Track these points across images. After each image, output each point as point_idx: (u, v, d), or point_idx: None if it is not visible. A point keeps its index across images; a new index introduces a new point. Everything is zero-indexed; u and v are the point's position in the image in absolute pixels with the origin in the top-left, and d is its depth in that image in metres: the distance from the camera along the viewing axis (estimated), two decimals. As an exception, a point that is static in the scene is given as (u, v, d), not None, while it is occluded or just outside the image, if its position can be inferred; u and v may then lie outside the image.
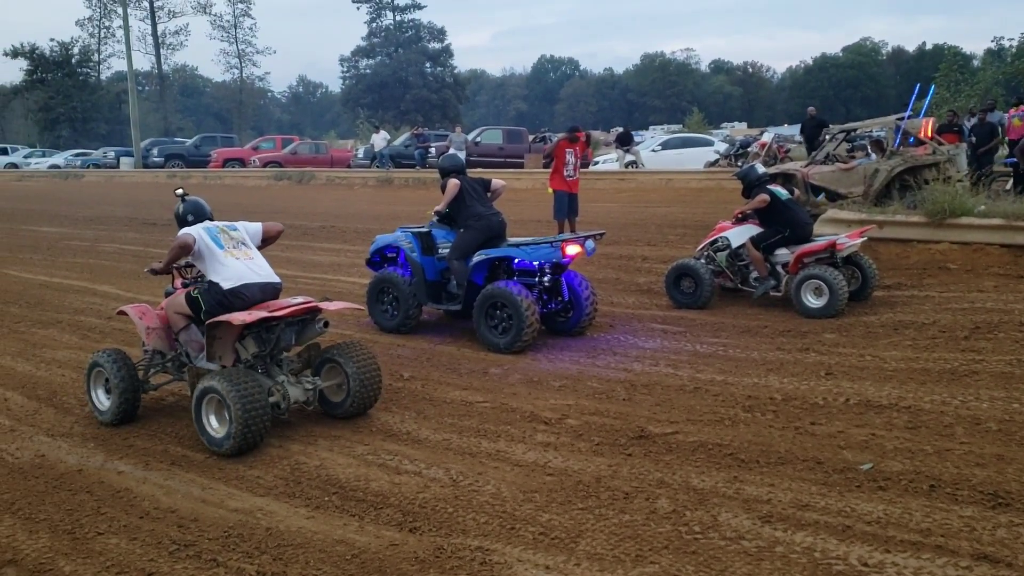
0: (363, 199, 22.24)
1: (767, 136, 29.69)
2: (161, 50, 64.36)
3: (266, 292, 4.83)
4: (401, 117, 61.60)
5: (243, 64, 69.85)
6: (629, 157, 25.76)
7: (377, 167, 30.09)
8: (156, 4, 62.06)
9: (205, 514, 3.82)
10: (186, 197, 5.30)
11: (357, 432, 4.83)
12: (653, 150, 27.48)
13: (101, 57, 65.95)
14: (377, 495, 3.97)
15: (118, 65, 67.21)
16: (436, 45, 72.51)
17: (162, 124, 61.20)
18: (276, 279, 4.94)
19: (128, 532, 3.66)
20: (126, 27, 43.38)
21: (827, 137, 13.67)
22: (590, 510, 3.74)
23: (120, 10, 52.69)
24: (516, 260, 6.70)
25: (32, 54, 60.72)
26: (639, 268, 10.14)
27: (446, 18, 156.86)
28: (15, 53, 60.71)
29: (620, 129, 30.98)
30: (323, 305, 4.86)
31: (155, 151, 39.58)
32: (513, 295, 6.38)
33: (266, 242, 5.23)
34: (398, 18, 71.92)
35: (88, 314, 8.19)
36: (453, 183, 6.96)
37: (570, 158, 11.56)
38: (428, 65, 71.70)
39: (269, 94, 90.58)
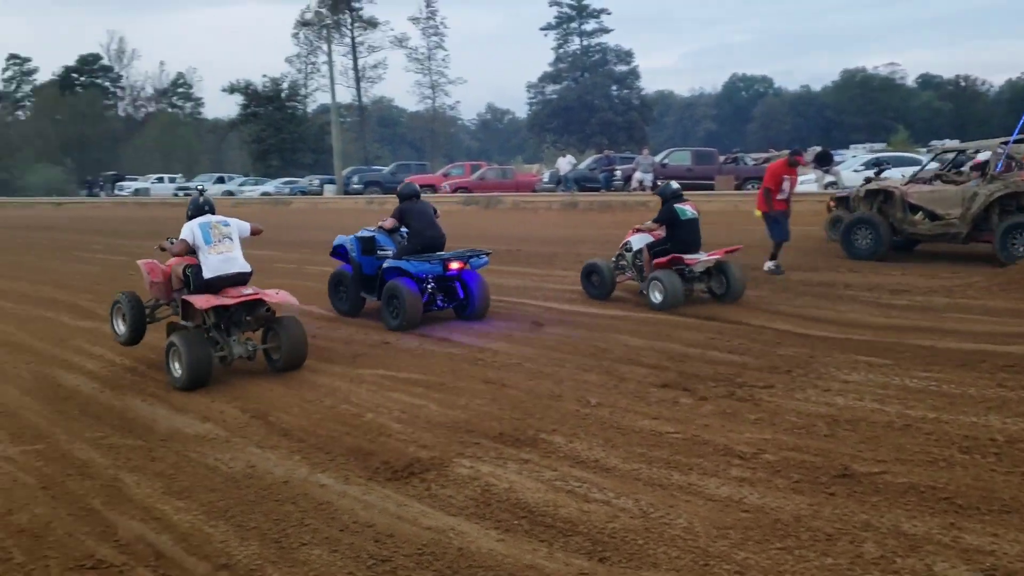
0: (548, 223, 22.56)
1: (983, 154, 27.38)
2: (361, 83, 68.49)
3: (235, 280, 6.93)
4: (586, 140, 62.20)
5: (436, 94, 73.01)
6: (829, 178, 24.57)
7: (562, 191, 30.48)
8: (357, 40, 66.16)
9: (400, 530, 3.97)
10: (203, 194, 7.42)
11: (546, 457, 4.87)
12: (855, 170, 26.08)
13: (307, 91, 71.18)
14: (566, 522, 3.97)
15: (322, 98, 72.19)
16: (623, 68, 72.68)
17: (362, 153, 65.05)
18: (246, 269, 7.03)
19: (329, 544, 3.87)
20: (330, 63, 46.72)
21: (934, 156, 13.63)
22: (789, 551, 3.56)
23: (325, 47, 56.83)
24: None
25: (247, 90, 66.45)
26: (840, 296, 9.64)
27: (633, 41, 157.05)
28: (232, 89, 66.70)
29: (818, 149, 29.66)
30: (265, 296, 6.87)
31: (355, 178, 42.19)
32: (402, 289, 8.62)
33: (253, 235, 7.36)
34: (585, 43, 72.77)
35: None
36: (400, 208, 9.27)
37: (786, 185, 11.14)
38: (614, 88, 71.91)
39: (459, 122, 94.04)
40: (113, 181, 57.73)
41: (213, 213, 7.16)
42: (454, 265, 8.92)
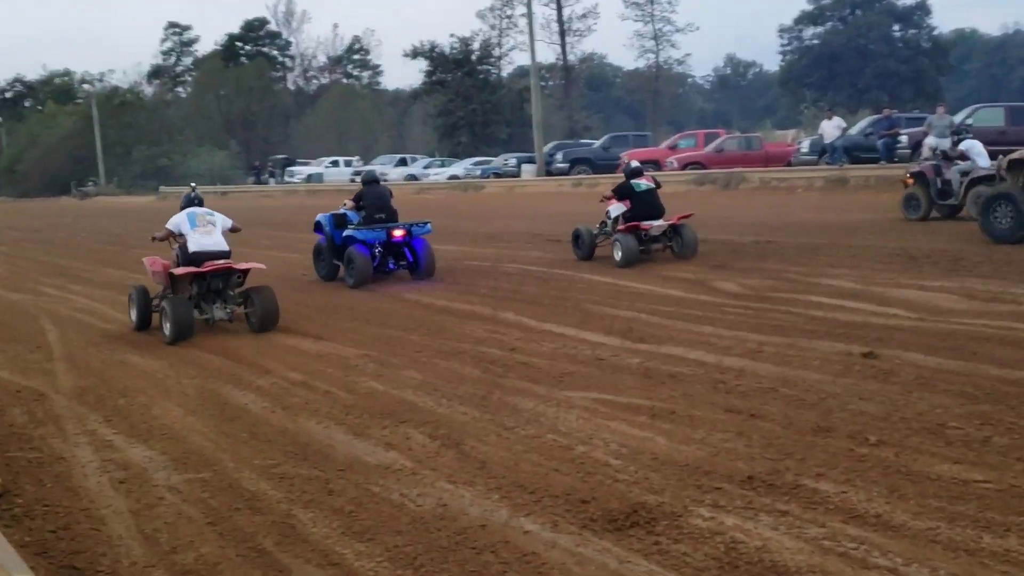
0: (807, 205, 21.89)
1: None
2: (567, 38, 69.46)
3: (213, 255, 10.45)
4: (859, 98, 59.76)
5: (659, 46, 72.66)
6: None
7: (827, 163, 29.40)
8: (563, -15, 67.07)
9: (623, 594, 3.98)
10: (194, 190, 11.46)
11: (810, 509, 4.72)
12: None
13: (502, 52, 73.01)
14: (839, 595, 3.83)
15: (520, 59, 73.90)
16: (907, 1, 69.13)
17: (567, 124, 65.93)
18: (224, 247, 10.62)
19: (536, 604, 3.95)
20: (530, 15, 47.66)
21: None
22: None
23: (524, -5, 57.96)
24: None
25: (432, 53, 69.06)
26: None
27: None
28: (415, 54, 69.52)
29: None
30: (235, 265, 10.47)
31: (559, 156, 42.83)
32: (355, 254, 13.25)
33: (232, 231, 11.07)
34: (856, -29, 69.96)
35: (491, 344, 9.02)
36: (359, 192, 14.28)
37: None
38: (896, 28, 68.57)
39: (689, 80, 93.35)
40: (283, 166, 61.95)
41: (201, 206, 11.00)
42: (396, 233, 13.48)
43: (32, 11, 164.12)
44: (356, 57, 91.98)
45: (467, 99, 66.39)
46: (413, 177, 51.56)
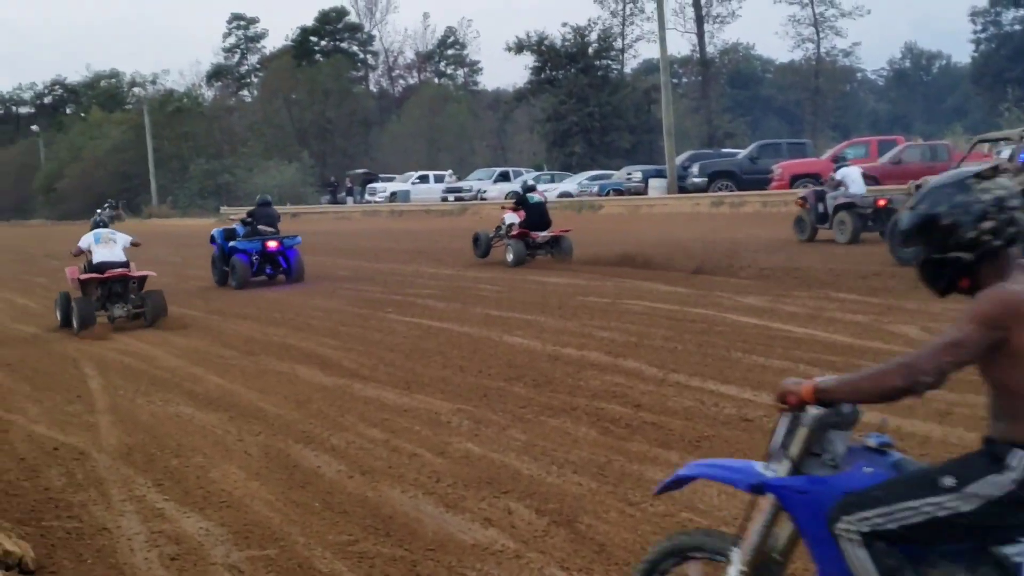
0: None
1: None
2: (705, 25, 69.07)
3: (114, 266, 15.92)
4: (1073, 97, 57.97)
5: (821, 34, 71.65)
6: None
7: (1032, 179, 28.66)
8: (700, -37, 66.81)
9: None
10: (105, 213, 19.28)
11: None
12: None
13: (625, 43, 72.89)
14: None
15: (647, 52, 73.89)
16: None
17: (705, 129, 65.48)
18: (122, 259, 16.14)
19: None
20: (660, -2, 47.41)
21: None
22: None
23: (653, -25, 58.02)
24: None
25: (540, 47, 69.44)
26: None
27: None
28: (520, 47, 70.14)
29: None
30: (131, 272, 16.12)
31: (695, 168, 42.33)
32: (236, 261, 20.46)
33: (133, 246, 16.84)
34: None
35: (609, 399, 8.97)
36: (250, 211, 21.90)
37: None
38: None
39: (859, 75, 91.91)
40: (363, 182, 62.87)
41: (106, 227, 16.65)
42: (271, 244, 20.49)
43: (74, 1, 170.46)
44: (450, 53, 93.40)
45: (582, 101, 66.34)
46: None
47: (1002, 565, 3.12)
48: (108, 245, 16.04)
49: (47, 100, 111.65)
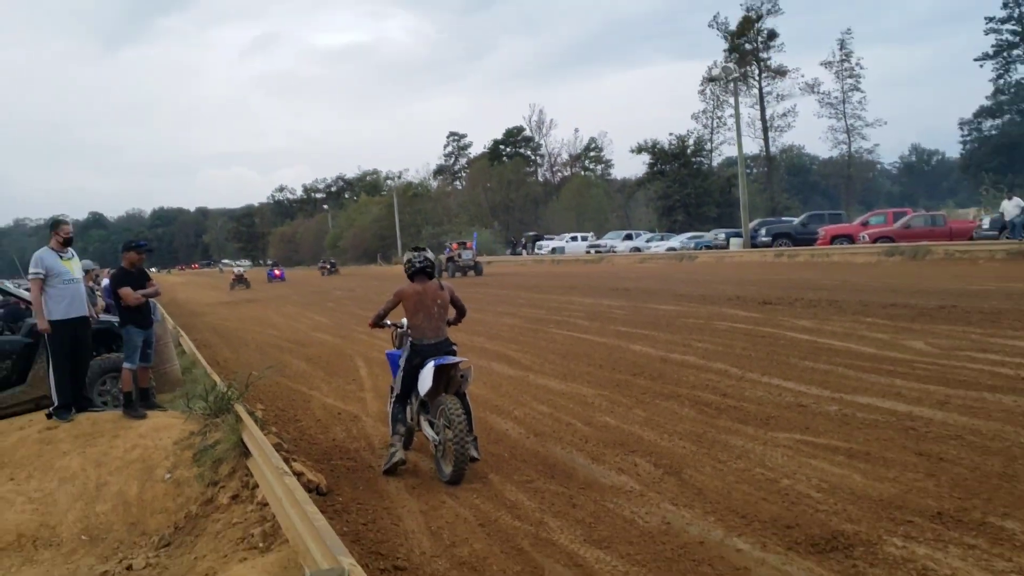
0: (989, 275, 20.14)
1: None
2: (769, 133, 67.95)
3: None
4: (1037, 179, 54.67)
5: (851, 138, 69.74)
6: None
7: (1008, 238, 27.10)
8: (765, 90, 65.95)
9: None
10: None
11: (997, 544, 4.32)
12: None
13: (713, 145, 72.28)
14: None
15: (728, 151, 72.77)
16: (1085, 93, 63.13)
17: (769, 204, 64.10)
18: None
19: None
20: (737, 115, 46.88)
21: None
22: None
23: (732, 100, 57.27)
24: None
25: (653, 149, 69.39)
26: None
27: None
28: (639, 150, 70.24)
29: None
30: None
31: (763, 231, 41.55)
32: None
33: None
34: (1033, 68, 64.55)
35: (704, 390, 8.81)
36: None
37: None
38: (1073, 118, 62.67)
39: (878, 166, 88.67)
40: (534, 240, 63.49)
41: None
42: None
43: (352, 124, 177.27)
44: (592, 154, 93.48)
45: (683, 185, 66.10)
46: (637, 249, 51.49)
47: None
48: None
49: (333, 189, 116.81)
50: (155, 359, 9.71)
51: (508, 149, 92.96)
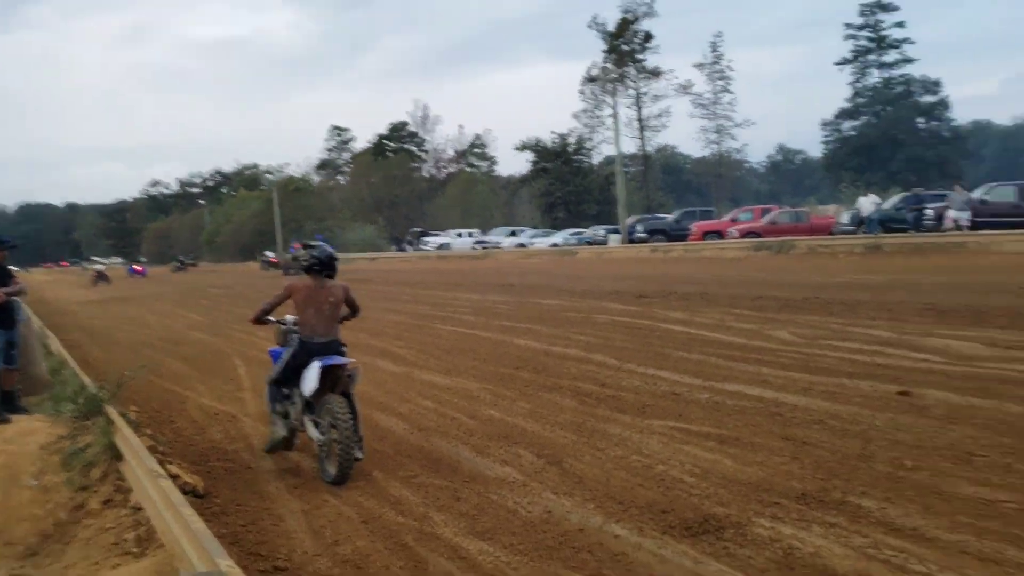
0: (848, 268, 21.27)
1: None
2: (645, 133, 69.39)
3: None
4: (891, 178, 58.23)
5: (721, 138, 72.03)
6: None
7: (864, 233, 28.66)
8: (641, 91, 67.36)
9: (697, 589, 3.90)
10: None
11: (855, 522, 4.55)
12: None
13: (593, 145, 73.32)
14: (882, 596, 3.68)
15: (607, 150, 74.07)
16: (930, 98, 67.48)
17: (645, 201, 65.66)
18: None
19: (626, 595, 3.89)
20: (615, 115, 47.98)
21: None
22: None
23: (610, 100, 58.54)
24: None
25: (536, 147, 70.14)
26: None
27: (941, 70, 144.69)
28: (523, 147, 70.90)
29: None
30: None
31: (639, 227, 42.68)
32: None
33: None
34: (886, 75, 68.55)
35: (585, 381, 8.95)
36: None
37: None
38: (920, 121, 66.92)
39: (747, 165, 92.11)
40: (418, 236, 63.16)
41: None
42: None
43: (229, 118, 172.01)
44: (477, 151, 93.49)
45: (564, 182, 67.09)
46: (522, 245, 51.97)
47: None
48: None
49: (210, 184, 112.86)
50: (21, 361, 9.15)
51: (393, 144, 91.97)
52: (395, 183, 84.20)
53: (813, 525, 4.56)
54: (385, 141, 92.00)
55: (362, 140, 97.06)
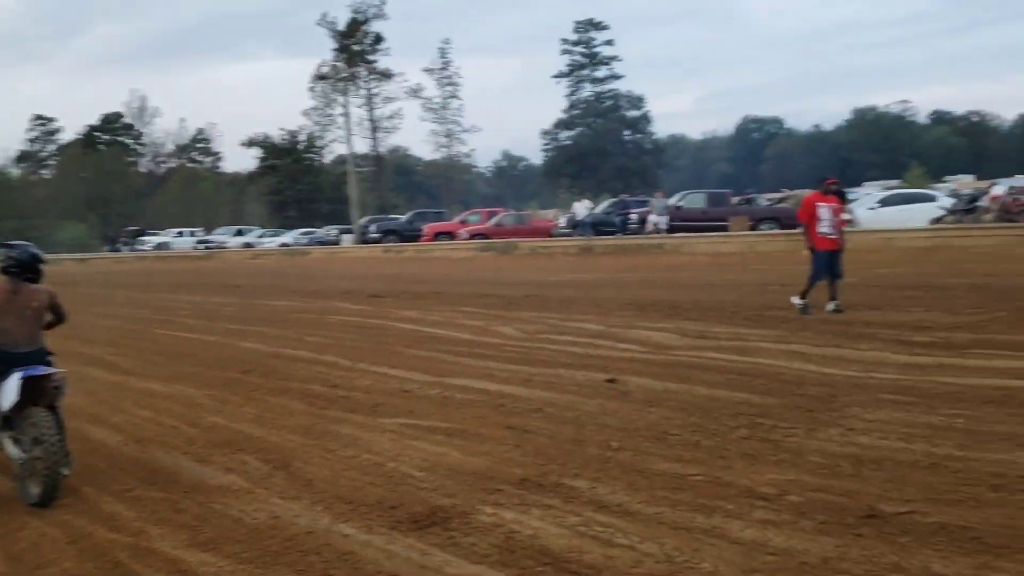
0: (565, 267, 22.64)
1: (999, 188, 27.85)
2: (377, 134, 69.40)
3: None
4: (602, 185, 62.69)
5: (451, 143, 73.84)
6: (844, 215, 24.57)
7: (578, 235, 30.61)
8: (373, 91, 67.30)
9: (424, 580, 3.96)
10: None
11: (569, 502, 4.85)
12: (870, 208, 26.08)
13: (324, 143, 72.11)
14: (590, 567, 3.94)
15: (340, 149, 73.11)
16: (634, 113, 73.62)
17: (378, 202, 65.77)
18: None
19: (354, 594, 3.86)
20: (347, 115, 47.51)
21: None
22: (818, 595, 3.52)
23: (341, 99, 57.84)
24: None
25: (264, 143, 67.67)
26: (861, 334, 9.57)
27: (646, 87, 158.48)
28: (250, 143, 68.11)
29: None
30: None
31: (373, 227, 42.60)
32: None
33: None
34: (597, 89, 73.68)
35: (315, 382, 8.77)
36: None
37: (825, 213, 11.28)
38: (627, 133, 72.80)
39: (475, 169, 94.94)
40: (134, 236, 58.56)
41: None
42: None
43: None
44: (200, 145, 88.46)
45: (295, 181, 65.43)
46: (249, 245, 49.90)
47: None
48: None
49: None
50: None
51: (106, 137, 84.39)
52: (109, 178, 77.33)
53: (532, 508, 4.79)
54: (96, 133, 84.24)
55: (70, 131, 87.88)
